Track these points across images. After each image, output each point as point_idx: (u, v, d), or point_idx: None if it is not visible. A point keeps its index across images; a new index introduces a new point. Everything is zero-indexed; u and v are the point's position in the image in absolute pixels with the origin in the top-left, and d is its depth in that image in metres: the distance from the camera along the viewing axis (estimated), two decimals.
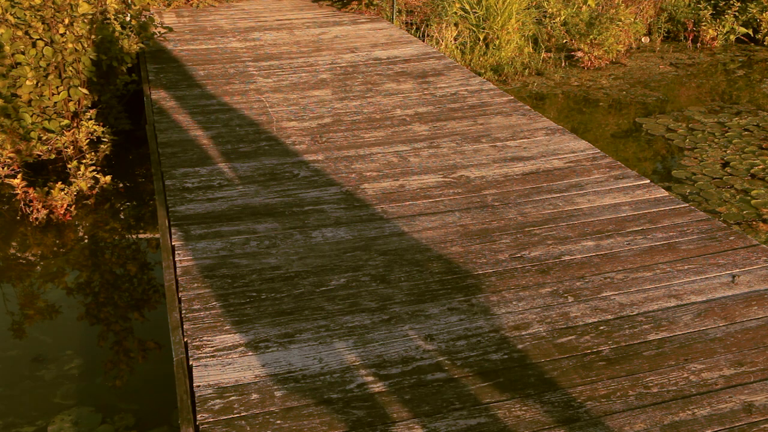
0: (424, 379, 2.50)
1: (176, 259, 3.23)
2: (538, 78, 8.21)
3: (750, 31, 9.66)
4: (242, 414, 2.33)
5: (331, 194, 3.88)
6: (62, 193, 4.84)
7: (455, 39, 8.33)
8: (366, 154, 4.39)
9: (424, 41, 7.69)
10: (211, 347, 2.65)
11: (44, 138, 5.40)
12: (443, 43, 8.18)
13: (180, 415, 2.35)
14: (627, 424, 2.31)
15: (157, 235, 4.70)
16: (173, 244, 3.36)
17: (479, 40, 8.41)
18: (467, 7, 8.44)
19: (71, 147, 5.43)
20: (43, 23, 5.39)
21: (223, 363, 2.56)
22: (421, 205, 3.76)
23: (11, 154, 5.22)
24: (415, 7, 8.96)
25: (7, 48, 5.22)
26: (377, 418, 2.33)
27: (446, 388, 2.46)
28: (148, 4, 7.72)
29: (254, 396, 2.41)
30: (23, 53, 5.31)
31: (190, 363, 2.56)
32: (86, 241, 4.79)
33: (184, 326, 2.77)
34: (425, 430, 2.28)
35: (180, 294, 2.97)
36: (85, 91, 5.52)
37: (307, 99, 5.40)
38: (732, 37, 9.70)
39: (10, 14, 5.30)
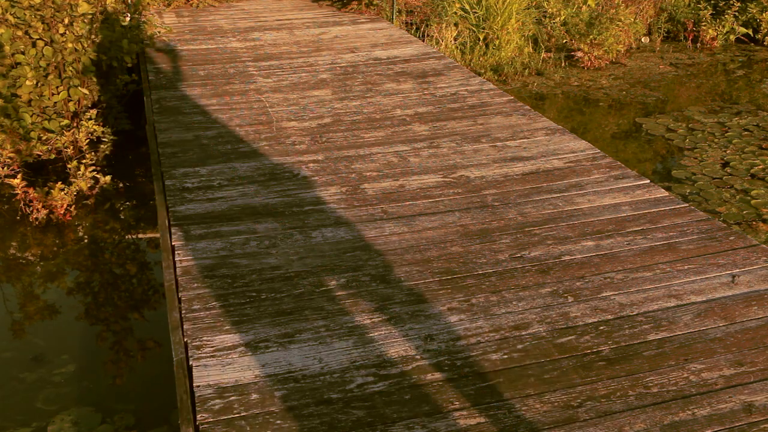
0: (424, 379, 2.50)
1: (176, 259, 3.23)
2: (538, 78, 8.21)
3: (750, 31, 9.65)
4: (242, 414, 2.33)
5: (331, 194, 3.87)
6: (62, 193, 4.83)
7: (455, 39, 8.33)
8: (366, 154, 4.39)
9: (424, 41, 7.69)
10: (211, 347, 2.65)
11: (44, 138, 5.40)
12: (443, 43, 8.18)
13: (180, 415, 2.35)
14: (627, 424, 2.31)
15: (157, 235, 4.69)
16: (173, 244, 3.36)
17: (479, 40, 8.41)
18: (467, 7, 8.44)
19: (71, 147, 5.43)
20: (42, 23, 5.38)
21: (223, 363, 2.56)
22: (421, 205, 3.76)
23: (11, 154, 5.22)
24: (415, 7, 8.95)
25: (7, 48, 5.21)
26: (377, 418, 2.33)
27: (446, 388, 2.46)
28: (148, 4, 7.74)
29: (254, 396, 2.41)
30: (23, 53, 5.31)
31: (190, 363, 2.56)
32: (86, 241, 4.79)
33: (184, 326, 2.77)
34: (425, 430, 2.28)
35: (180, 294, 2.97)
36: (85, 91, 5.51)
37: (307, 99, 5.40)
38: (732, 37, 9.70)
39: (10, 14, 5.30)
